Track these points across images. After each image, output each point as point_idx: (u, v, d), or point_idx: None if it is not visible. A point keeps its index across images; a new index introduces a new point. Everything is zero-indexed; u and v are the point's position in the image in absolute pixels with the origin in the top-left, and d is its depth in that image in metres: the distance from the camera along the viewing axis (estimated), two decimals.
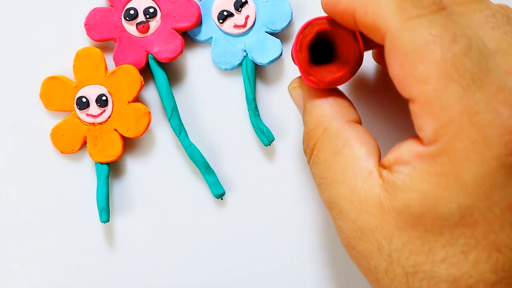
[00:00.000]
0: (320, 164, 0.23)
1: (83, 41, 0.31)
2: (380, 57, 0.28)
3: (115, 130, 0.31)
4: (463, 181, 0.19)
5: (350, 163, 0.22)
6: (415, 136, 0.21)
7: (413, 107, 0.20)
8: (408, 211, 0.20)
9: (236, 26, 0.31)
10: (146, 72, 0.31)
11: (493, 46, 0.22)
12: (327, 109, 0.24)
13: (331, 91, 0.25)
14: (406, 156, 0.21)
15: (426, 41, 0.19)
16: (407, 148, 0.21)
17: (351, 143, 0.23)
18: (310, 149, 0.24)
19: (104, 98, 0.30)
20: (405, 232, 0.20)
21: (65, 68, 0.31)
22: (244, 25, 0.31)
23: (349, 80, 0.24)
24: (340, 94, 0.25)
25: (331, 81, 0.24)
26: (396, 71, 0.20)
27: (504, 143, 0.19)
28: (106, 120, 0.31)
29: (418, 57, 0.19)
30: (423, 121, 0.20)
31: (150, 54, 0.31)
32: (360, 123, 0.24)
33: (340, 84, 0.24)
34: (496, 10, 0.24)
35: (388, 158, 0.21)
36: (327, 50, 0.26)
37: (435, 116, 0.19)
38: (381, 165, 0.22)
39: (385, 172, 0.21)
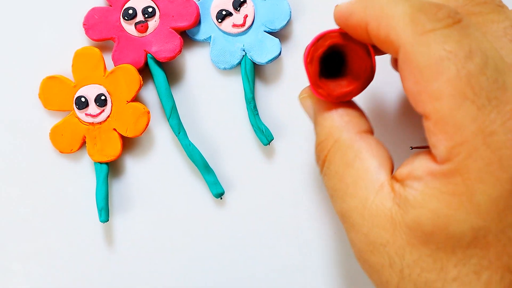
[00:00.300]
0: (332, 176, 0.23)
1: (82, 40, 0.31)
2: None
3: (114, 129, 0.31)
4: (476, 202, 0.19)
5: (361, 175, 0.22)
6: (429, 152, 0.20)
7: (427, 124, 0.20)
8: (420, 228, 0.20)
9: (234, 25, 0.31)
10: (145, 72, 0.31)
11: (511, 59, 0.21)
12: (337, 119, 0.24)
13: (342, 101, 0.24)
14: (419, 172, 0.20)
15: (440, 57, 0.19)
16: (421, 164, 0.20)
17: (362, 155, 0.22)
18: (321, 161, 0.24)
19: (103, 97, 0.30)
20: (417, 248, 0.20)
21: (64, 68, 0.31)
22: (242, 25, 0.31)
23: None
24: (351, 104, 0.24)
25: (340, 95, 0.23)
26: (410, 86, 0.20)
27: None
28: (105, 119, 0.31)
29: (432, 73, 0.19)
30: (437, 139, 0.19)
31: (149, 53, 0.31)
32: (372, 133, 0.24)
33: (349, 98, 0.24)
34: None
35: (401, 172, 0.21)
36: (338, 61, 0.25)
37: (448, 136, 0.19)
38: (393, 177, 0.22)
39: (397, 186, 0.21)
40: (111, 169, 0.32)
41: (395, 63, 0.28)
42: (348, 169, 0.22)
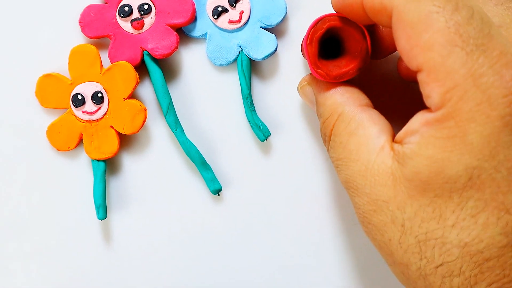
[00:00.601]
0: (337, 147, 0.25)
1: (78, 38, 0.31)
2: (406, 72, 0.29)
3: (111, 127, 0.31)
4: (469, 142, 0.20)
5: (363, 141, 0.23)
6: (425, 108, 0.21)
7: (421, 76, 0.21)
8: (418, 178, 0.21)
9: (230, 21, 0.31)
10: (141, 69, 0.31)
11: (497, 21, 0.23)
12: (339, 97, 0.25)
13: (340, 82, 0.26)
14: (416, 126, 0.21)
15: (430, 11, 0.20)
16: (417, 119, 0.21)
17: (364, 123, 0.24)
18: (328, 136, 0.26)
19: (99, 95, 0.30)
20: (416, 200, 0.21)
21: (60, 66, 0.31)
22: (238, 21, 0.31)
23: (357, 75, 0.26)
24: (348, 83, 0.26)
25: (338, 75, 0.25)
26: (402, 43, 0.21)
27: (508, 103, 0.20)
28: (102, 117, 0.31)
29: (423, 27, 0.20)
30: (430, 89, 0.21)
31: (145, 50, 0.31)
32: (371, 106, 0.25)
33: (347, 78, 0.25)
34: None
35: (400, 133, 0.22)
36: (336, 46, 0.27)
37: (441, 82, 0.20)
38: (394, 141, 0.23)
39: (396, 145, 0.22)
40: (109, 166, 0.32)
41: (403, 71, 0.29)
42: (352, 137, 0.24)
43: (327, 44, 0.27)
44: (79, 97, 0.30)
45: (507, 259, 0.20)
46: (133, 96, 0.31)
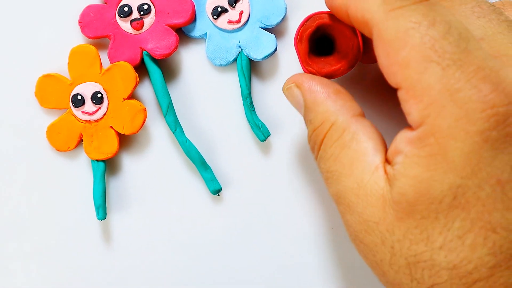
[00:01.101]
0: (327, 158, 0.24)
1: (78, 38, 0.31)
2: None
3: (111, 127, 0.31)
4: (451, 160, 0.20)
5: (357, 157, 0.23)
6: (408, 126, 0.21)
7: (400, 94, 0.21)
8: (405, 199, 0.20)
9: (230, 22, 0.31)
10: (141, 69, 0.31)
11: (479, 33, 0.22)
12: (331, 104, 0.24)
13: (332, 87, 0.25)
14: (400, 145, 0.21)
15: (406, 28, 0.20)
16: (401, 137, 0.21)
17: (359, 137, 0.23)
18: (317, 145, 0.25)
19: (99, 95, 0.30)
20: (404, 222, 0.21)
21: (60, 66, 0.31)
22: (238, 21, 0.31)
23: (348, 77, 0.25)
24: (341, 90, 0.25)
25: (329, 72, 0.25)
26: (382, 61, 0.21)
27: (486, 118, 0.19)
28: (102, 117, 0.31)
29: (400, 44, 0.20)
30: (409, 106, 0.20)
31: (145, 50, 0.31)
32: (364, 116, 0.25)
33: (338, 76, 0.25)
34: (481, 0, 0.24)
35: (388, 153, 0.22)
36: (328, 45, 0.27)
37: (418, 99, 0.20)
38: (386, 160, 0.22)
39: (388, 167, 0.22)
40: (108, 166, 0.32)
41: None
42: (345, 150, 0.23)
43: (319, 43, 0.27)
44: (79, 97, 0.30)
45: (496, 279, 0.20)
46: (132, 96, 0.31)
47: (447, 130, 0.19)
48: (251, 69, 0.32)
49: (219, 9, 0.31)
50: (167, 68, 0.32)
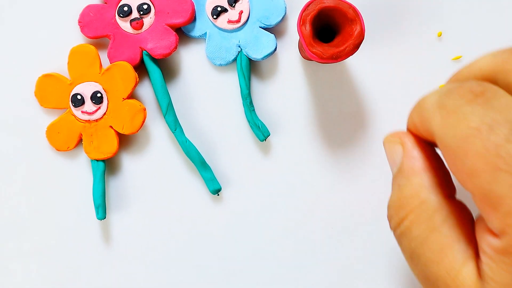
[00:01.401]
0: (413, 239, 0.22)
1: (77, 38, 0.31)
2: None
3: (111, 127, 0.31)
4: None
5: (449, 244, 0.21)
6: (488, 228, 0.20)
7: (474, 200, 0.20)
8: None
9: (230, 21, 0.31)
10: (140, 69, 0.31)
11: None
12: (428, 179, 0.23)
13: (434, 158, 0.24)
14: (484, 246, 0.20)
15: (466, 135, 0.19)
16: (483, 238, 0.20)
17: (451, 221, 0.22)
18: (399, 218, 0.23)
19: (99, 95, 0.30)
20: None
21: (60, 66, 0.31)
22: (238, 21, 0.31)
23: None
24: (441, 164, 0.24)
25: (334, 53, 0.26)
26: (450, 168, 0.20)
27: None
28: (102, 117, 0.31)
29: (462, 152, 0.19)
30: (487, 214, 0.19)
31: (145, 50, 0.31)
32: (455, 195, 0.23)
33: (343, 57, 0.26)
34: None
35: (479, 246, 0.21)
36: (329, 35, 0.27)
37: (494, 209, 0.19)
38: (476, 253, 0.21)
39: (479, 260, 0.21)
40: (108, 166, 0.32)
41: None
42: (434, 234, 0.22)
43: (320, 34, 0.27)
44: (79, 97, 0.30)
45: None
46: (132, 96, 0.31)
47: None
48: (251, 69, 0.32)
49: (219, 8, 0.31)
50: (167, 68, 0.32)
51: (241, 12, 0.31)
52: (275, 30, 0.31)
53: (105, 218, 0.31)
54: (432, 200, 0.22)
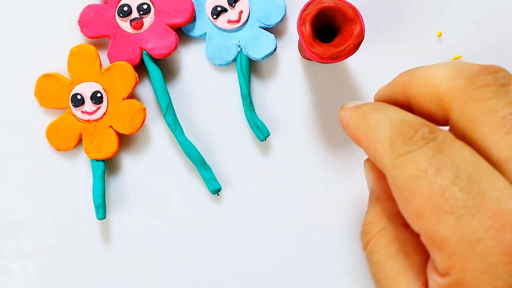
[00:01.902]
0: (373, 264, 0.24)
1: (77, 38, 0.31)
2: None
3: (111, 127, 0.31)
4: None
5: (403, 272, 0.22)
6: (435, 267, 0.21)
7: (422, 240, 0.20)
8: None
9: (230, 21, 0.31)
10: (140, 69, 0.31)
11: (506, 154, 0.20)
12: (390, 208, 0.24)
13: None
14: (432, 284, 0.21)
15: (414, 177, 0.20)
16: (432, 277, 0.21)
17: (407, 250, 0.23)
18: (365, 243, 0.24)
19: (99, 95, 0.30)
20: None
21: (60, 66, 0.31)
22: (238, 21, 0.31)
23: None
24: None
25: (334, 53, 0.26)
26: (400, 207, 0.21)
27: (511, 272, 0.18)
28: (101, 117, 0.31)
29: (410, 193, 0.20)
30: (433, 254, 0.20)
31: (144, 50, 0.31)
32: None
33: (343, 57, 0.26)
34: None
35: (428, 280, 0.22)
36: (328, 36, 0.28)
37: (439, 249, 0.19)
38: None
39: None
40: (108, 166, 0.32)
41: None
42: (390, 262, 0.23)
43: (320, 35, 0.27)
44: (79, 97, 0.30)
45: None
46: (132, 96, 0.31)
47: (474, 283, 0.19)
48: (251, 68, 0.32)
49: (219, 8, 0.31)
50: (167, 68, 0.32)
51: (241, 12, 0.31)
52: (275, 30, 0.31)
53: (105, 218, 0.31)
54: (390, 229, 0.23)
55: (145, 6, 0.30)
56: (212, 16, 0.31)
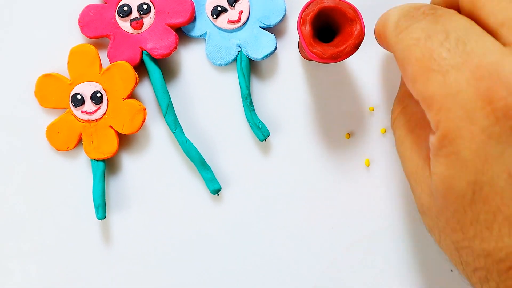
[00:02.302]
0: (396, 139, 0.27)
1: (77, 38, 0.31)
2: None
3: (111, 127, 0.31)
4: (463, 159, 0.20)
5: (418, 142, 0.25)
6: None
7: (422, 106, 0.22)
8: (439, 194, 0.22)
9: (230, 21, 0.31)
10: (140, 69, 0.31)
11: (500, 18, 0.22)
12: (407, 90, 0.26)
13: None
14: (430, 146, 0.22)
15: (409, 46, 0.22)
16: (431, 139, 0.22)
17: (422, 123, 0.25)
18: (392, 119, 0.27)
19: (99, 95, 0.30)
20: (444, 212, 0.22)
21: (60, 66, 0.31)
22: (238, 20, 0.31)
23: None
24: None
25: (335, 53, 0.26)
26: (404, 79, 0.23)
27: (486, 115, 0.20)
28: (101, 117, 0.31)
29: (407, 61, 0.22)
30: (427, 114, 0.21)
31: (145, 50, 0.31)
32: None
33: (344, 57, 0.26)
34: None
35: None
36: (328, 36, 0.28)
37: (430, 107, 0.21)
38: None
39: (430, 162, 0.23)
40: (108, 166, 0.32)
41: None
42: (409, 136, 0.25)
43: (320, 35, 0.27)
44: (79, 97, 0.30)
45: None
46: (132, 96, 0.31)
47: (455, 132, 0.20)
48: (251, 68, 0.32)
49: (219, 8, 0.31)
50: (167, 68, 0.32)
51: (241, 12, 0.31)
52: (275, 30, 0.31)
53: (105, 218, 0.31)
54: (411, 107, 0.26)
55: (145, 6, 0.30)
56: (212, 16, 0.31)
